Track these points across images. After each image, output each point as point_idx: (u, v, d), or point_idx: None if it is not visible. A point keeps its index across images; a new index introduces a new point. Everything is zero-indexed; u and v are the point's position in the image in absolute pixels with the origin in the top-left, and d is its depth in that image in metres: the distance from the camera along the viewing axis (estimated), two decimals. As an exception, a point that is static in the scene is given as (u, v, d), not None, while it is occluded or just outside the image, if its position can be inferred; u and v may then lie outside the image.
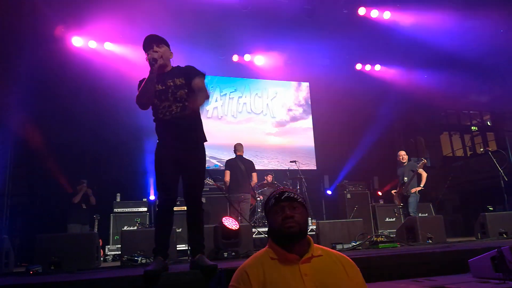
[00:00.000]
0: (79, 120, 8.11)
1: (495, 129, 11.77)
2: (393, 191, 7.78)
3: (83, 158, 8.25)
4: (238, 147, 7.15)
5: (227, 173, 6.88)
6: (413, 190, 7.34)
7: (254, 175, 6.99)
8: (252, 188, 7.12)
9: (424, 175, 7.38)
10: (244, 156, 7.11)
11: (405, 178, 7.43)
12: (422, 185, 7.37)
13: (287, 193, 1.75)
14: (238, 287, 1.60)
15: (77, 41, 8.61)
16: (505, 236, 6.21)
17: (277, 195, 1.77)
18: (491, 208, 8.37)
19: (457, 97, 10.01)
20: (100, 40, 8.79)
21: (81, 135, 8.18)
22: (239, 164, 6.89)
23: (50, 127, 8.05)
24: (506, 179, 7.08)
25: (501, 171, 7.11)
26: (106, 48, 8.87)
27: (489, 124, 12.73)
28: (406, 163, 7.66)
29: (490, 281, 2.84)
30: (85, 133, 8.24)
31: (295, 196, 1.75)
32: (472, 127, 12.50)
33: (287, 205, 1.72)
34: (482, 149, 8.67)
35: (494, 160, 7.28)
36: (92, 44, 8.78)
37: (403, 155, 7.72)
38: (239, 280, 1.61)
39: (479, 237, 6.42)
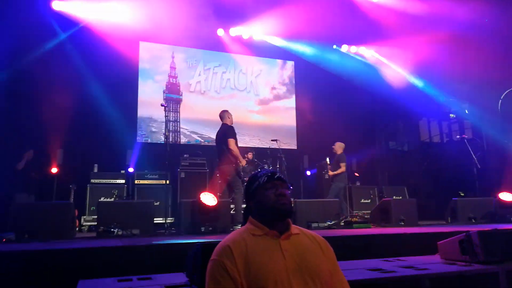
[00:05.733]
0: (56, 86, 7.83)
1: (471, 117, 12.01)
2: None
3: (60, 126, 8.03)
4: (221, 114, 6.58)
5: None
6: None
7: (230, 141, 6.12)
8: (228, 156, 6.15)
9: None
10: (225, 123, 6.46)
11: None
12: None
13: (278, 174, 1.84)
14: (221, 260, 1.61)
15: (58, 5, 8.31)
16: (473, 221, 6.46)
17: (269, 174, 1.83)
18: (463, 194, 8.62)
19: (437, 84, 10.13)
20: (81, 5, 8.48)
21: (57, 103, 7.92)
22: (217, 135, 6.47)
23: (24, 92, 7.78)
24: (479, 166, 7.29)
25: (475, 158, 7.31)
26: (88, 10, 8.57)
27: (466, 112, 12.98)
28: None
29: (457, 263, 2.96)
30: (61, 101, 7.98)
31: (284, 178, 1.84)
32: (450, 115, 12.73)
33: (279, 184, 1.80)
34: (458, 136, 8.88)
35: (469, 147, 7.48)
36: (73, 9, 8.46)
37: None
38: (222, 254, 1.63)
39: (449, 221, 6.65)
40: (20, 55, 7.71)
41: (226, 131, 6.25)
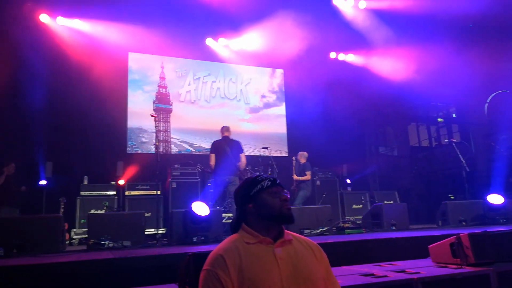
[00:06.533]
0: (44, 98, 7.75)
1: (459, 121, 12.18)
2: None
3: (49, 138, 7.95)
4: (225, 129, 7.05)
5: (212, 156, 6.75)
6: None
7: (244, 155, 6.88)
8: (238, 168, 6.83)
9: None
10: (230, 137, 6.98)
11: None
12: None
13: (278, 180, 1.83)
14: (214, 270, 1.59)
15: (45, 18, 8.31)
16: (464, 224, 6.51)
17: (272, 179, 1.82)
18: (453, 197, 8.71)
19: (425, 89, 10.26)
20: (69, 16, 8.49)
21: (46, 115, 7.86)
22: (224, 146, 6.76)
23: (11, 104, 7.70)
24: (468, 169, 7.37)
25: (464, 161, 7.40)
26: (75, 24, 8.58)
27: (454, 116, 13.16)
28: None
29: (449, 266, 2.98)
30: (50, 113, 7.94)
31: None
32: (438, 119, 12.89)
33: (281, 189, 1.80)
34: (446, 140, 8.99)
35: (457, 151, 7.57)
36: (61, 21, 8.47)
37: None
38: (214, 264, 1.61)
39: (440, 224, 6.70)
40: (7, 67, 7.65)
41: (241, 146, 6.95)
